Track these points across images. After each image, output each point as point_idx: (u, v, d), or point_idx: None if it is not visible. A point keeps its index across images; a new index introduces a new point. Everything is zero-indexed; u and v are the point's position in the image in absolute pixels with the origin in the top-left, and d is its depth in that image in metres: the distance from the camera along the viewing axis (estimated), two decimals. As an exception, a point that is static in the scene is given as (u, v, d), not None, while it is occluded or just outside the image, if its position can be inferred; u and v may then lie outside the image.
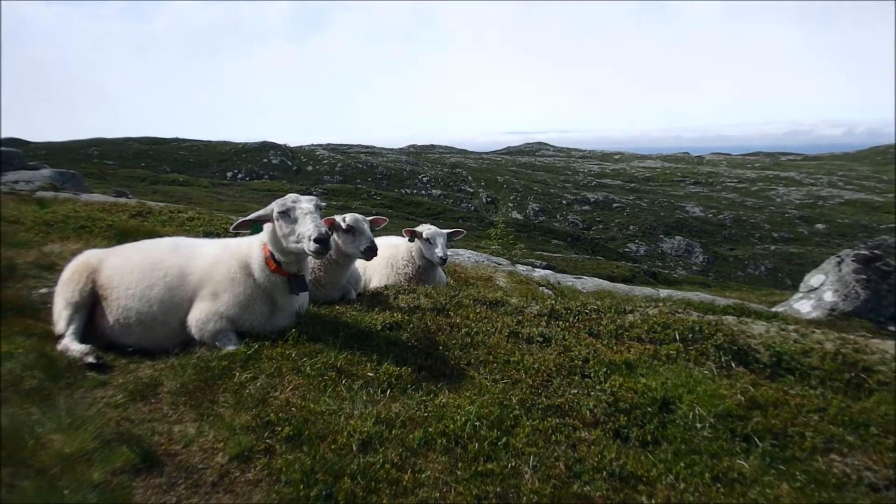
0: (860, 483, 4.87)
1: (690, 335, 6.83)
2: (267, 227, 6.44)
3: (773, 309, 16.40)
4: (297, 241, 6.15)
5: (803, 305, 16.51)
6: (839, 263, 17.06)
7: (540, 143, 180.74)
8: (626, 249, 79.90)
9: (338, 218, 7.67)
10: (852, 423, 5.61)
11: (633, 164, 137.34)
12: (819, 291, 16.65)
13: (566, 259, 55.73)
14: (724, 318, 7.74)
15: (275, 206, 6.31)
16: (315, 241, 5.99)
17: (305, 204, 6.26)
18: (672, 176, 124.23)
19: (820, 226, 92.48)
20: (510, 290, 12.37)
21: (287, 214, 6.22)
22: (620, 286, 19.08)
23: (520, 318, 7.35)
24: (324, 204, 6.53)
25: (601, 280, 21.05)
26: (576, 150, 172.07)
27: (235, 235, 6.76)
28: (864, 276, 16.40)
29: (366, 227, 7.61)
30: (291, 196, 6.36)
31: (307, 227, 6.08)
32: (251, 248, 6.52)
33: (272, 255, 6.38)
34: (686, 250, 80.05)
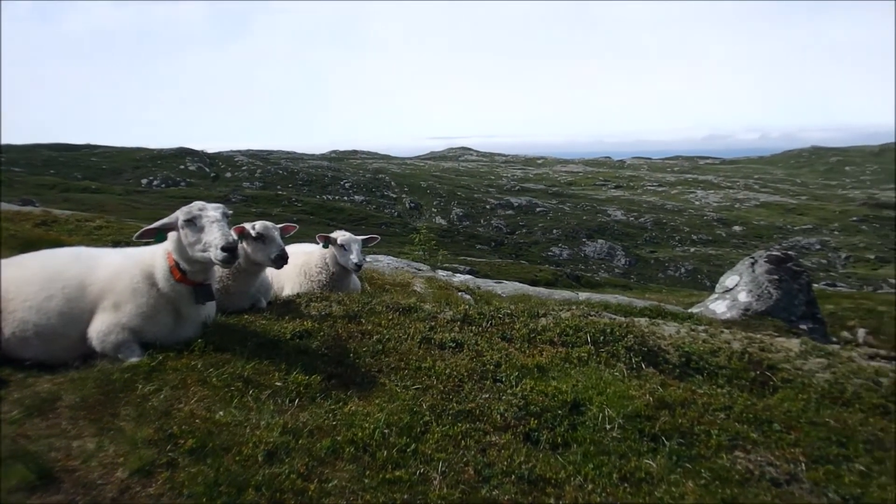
0: (762, 478, 5.14)
1: (602, 337, 7.05)
2: (172, 235, 6.37)
3: (690, 310, 16.93)
4: (204, 250, 6.11)
5: (719, 306, 17.04)
6: (753, 264, 17.67)
7: (463, 148, 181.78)
8: (549, 253, 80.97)
9: (247, 226, 7.63)
10: (756, 420, 5.90)
11: (556, 169, 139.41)
12: (734, 292, 17.21)
13: (490, 264, 56.21)
14: (635, 320, 8.01)
15: (180, 214, 6.26)
16: (222, 249, 5.96)
17: (212, 212, 6.23)
18: (594, 180, 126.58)
19: (737, 228, 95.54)
20: (427, 296, 12.49)
21: (193, 223, 6.18)
22: (541, 290, 19.40)
23: (433, 323, 7.46)
24: (231, 212, 6.51)
25: (521, 284, 21.36)
26: (499, 154, 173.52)
27: (141, 244, 6.69)
28: (776, 277, 17.04)
29: (276, 234, 7.60)
30: (197, 204, 6.32)
31: (214, 236, 6.04)
32: (155, 257, 6.45)
33: (177, 264, 6.32)
34: (608, 253, 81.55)
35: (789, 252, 18.81)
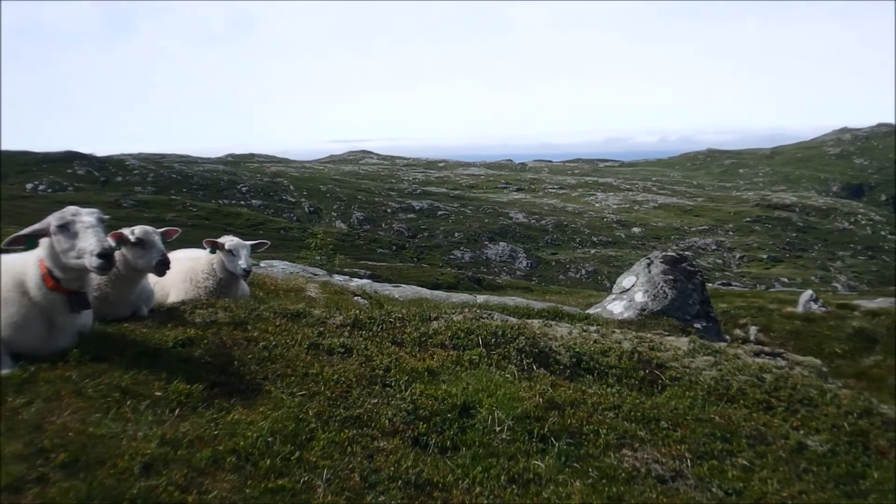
0: (649, 475, 5.29)
1: (493, 340, 7.14)
2: (44, 242, 6.15)
3: (588, 311, 17.29)
4: (78, 257, 5.91)
5: (616, 306, 17.45)
6: (649, 265, 18.17)
7: (364, 152, 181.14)
8: (451, 256, 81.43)
9: (126, 231, 7.41)
10: (645, 419, 6.07)
11: (457, 172, 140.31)
12: (630, 292, 17.66)
13: (391, 268, 56.22)
14: (528, 321, 8.13)
15: (52, 220, 6.04)
16: (98, 256, 5.78)
17: (87, 217, 6.04)
18: (496, 183, 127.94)
19: (636, 229, 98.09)
20: (320, 301, 12.40)
21: (66, 228, 5.97)
22: (439, 293, 19.51)
23: (322, 329, 7.41)
24: (107, 216, 6.32)
25: (419, 288, 21.43)
26: (400, 157, 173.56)
27: (8, 251, 6.44)
28: (671, 277, 17.57)
29: (157, 239, 7.39)
30: (71, 209, 6.11)
31: (89, 242, 5.85)
32: (26, 264, 6.21)
33: (50, 271, 6.11)
34: (510, 256, 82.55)
35: (684, 252, 19.43)
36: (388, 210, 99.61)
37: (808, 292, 25.56)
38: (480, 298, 17.20)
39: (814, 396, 7.18)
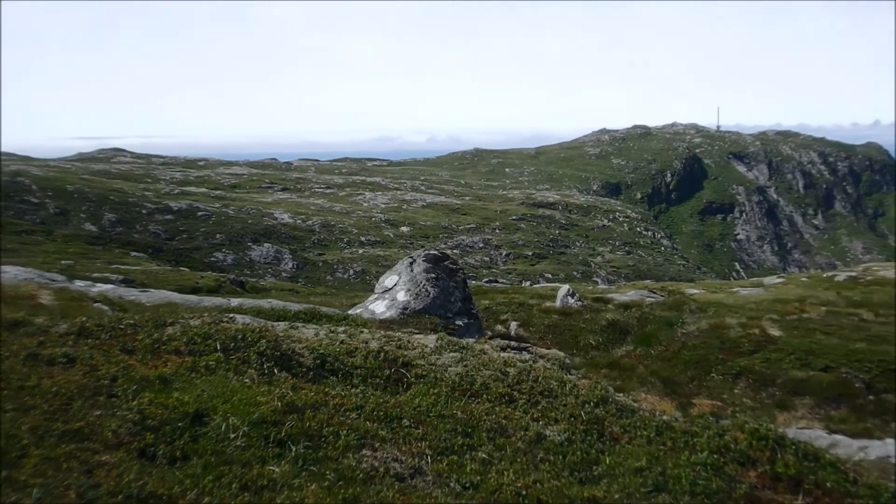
0: (387, 474, 5.39)
1: (233, 344, 7.00)
2: None
3: (351, 311, 17.36)
4: None
5: (378, 306, 17.63)
6: (411, 264, 18.50)
7: (116, 150, 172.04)
8: (212, 259, 79.11)
9: None
10: (387, 418, 6.18)
11: (218, 171, 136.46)
12: (393, 291, 17.91)
13: (147, 272, 53.79)
14: (273, 324, 8.05)
15: None
16: None
17: None
18: (259, 182, 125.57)
19: (405, 228, 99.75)
20: (55, 309, 11.66)
21: None
22: (190, 297, 18.85)
23: (43, 338, 6.97)
24: None
25: (170, 292, 20.63)
26: (157, 156, 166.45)
27: None
28: (433, 275, 17.99)
29: None
30: None
31: None
32: None
33: None
34: (275, 257, 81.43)
35: (446, 251, 19.95)
36: (144, 211, 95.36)
37: (566, 287, 27.02)
38: (235, 302, 16.83)
39: (554, 388, 7.60)
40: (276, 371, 6.77)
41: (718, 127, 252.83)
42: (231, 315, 8.88)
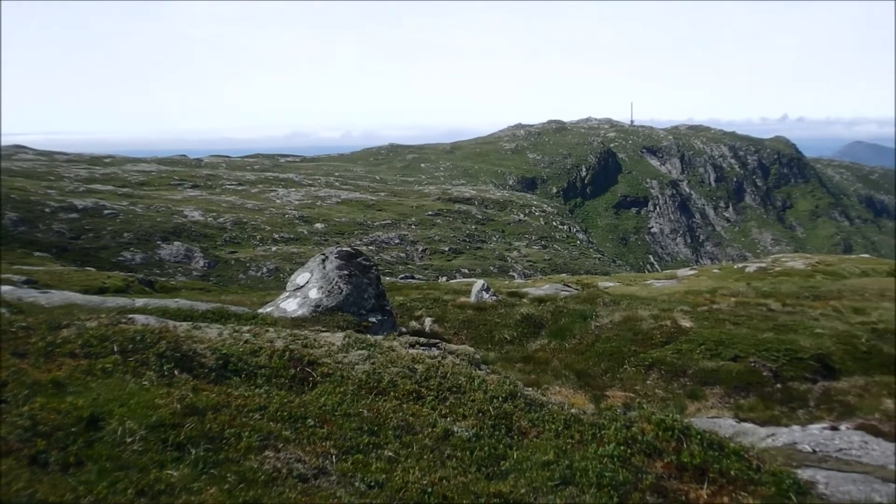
0: (290, 475, 5.34)
1: (132, 346, 6.86)
2: None
3: (261, 310, 17.16)
4: None
5: (290, 304, 17.47)
6: (324, 261, 18.38)
7: (17, 147, 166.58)
8: (120, 258, 77.35)
9: None
10: (291, 418, 6.13)
11: (126, 168, 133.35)
12: (305, 289, 17.75)
13: (51, 272, 52.26)
14: (174, 324, 7.91)
15: None
16: None
17: None
18: (169, 179, 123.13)
19: (319, 225, 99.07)
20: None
21: None
22: (92, 298, 18.34)
23: (-78, 345, 6.73)
24: None
25: (72, 293, 20.05)
26: (60, 153, 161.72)
27: None
28: (346, 272, 17.90)
29: None
30: None
31: None
32: None
33: None
34: (186, 256, 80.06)
35: (361, 247, 19.90)
36: (47, 210, 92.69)
37: (481, 282, 27.21)
38: (140, 302, 16.46)
39: (463, 384, 7.65)
40: (176, 373, 6.65)
41: (632, 122, 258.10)
42: (131, 316, 8.68)
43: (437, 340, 9.77)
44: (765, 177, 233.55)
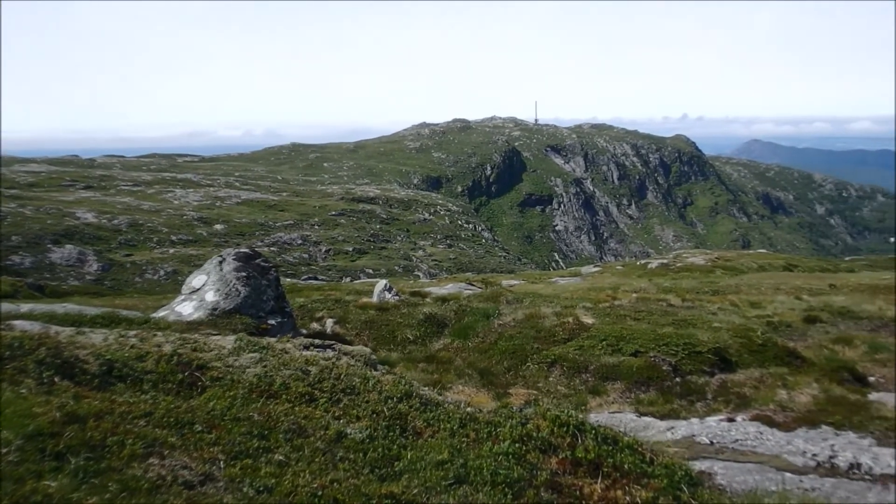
0: (175, 483, 5.26)
1: (9, 353, 6.66)
2: None
3: (156, 313, 16.83)
4: None
5: (186, 307, 17.16)
6: (221, 262, 18.11)
7: None
8: (8, 262, 74.76)
9: None
10: (178, 424, 6.04)
11: (13, 169, 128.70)
12: (201, 292, 17.47)
13: (-70, 280, 50.30)
14: (57, 329, 7.70)
15: None
16: None
17: None
18: (60, 180, 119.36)
19: (219, 226, 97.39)
20: None
21: None
22: (-25, 304, 17.76)
23: None
24: None
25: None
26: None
27: None
28: (244, 274, 17.68)
29: None
30: None
31: None
32: None
33: None
34: (78, 259, 77.83)
35: (262, 248, 19.67)
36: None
37: (383, 282, 27.22)
38: (26, 307, 15.95)
39: (357, 385, 7.65)
40: (57, 380, 6.48)
41: (537, 120, 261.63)
42: (10, 322, 8.42)
43: (333, 342, 9.74)
44: (666, 174, 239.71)
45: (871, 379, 17.37)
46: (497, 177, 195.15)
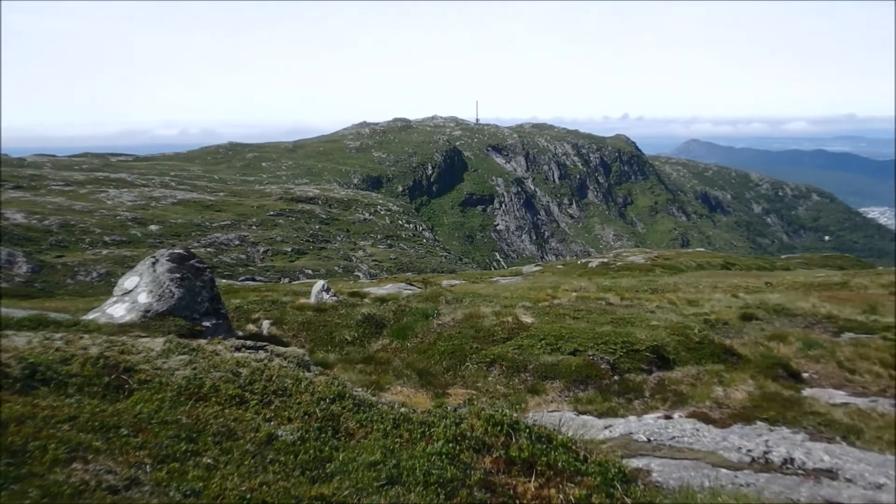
0: (99, 488, 5.19)
1: (-75, 357, 6.53)
2: None
3: (87, 316, 16.54)
4: None
5: (117, 309, 16.89)
6: (154, 263, 17.86)
7: None
8: (-68, 264, 73.05)
9: None
10: (103, 427, 5.95)
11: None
12: (134, 293, 17.20)
13: None
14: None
15: None
16: None
17: None
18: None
19: (153, 227, 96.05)
20: None
21: None
22: None
23: None
24: None
25: None
26: None
27: None
28: (178, 275, 17.46)
29: None
30: None
31: None
32: None
33: None
34: (7, 261, 76.15)
35: (198, 249, 19.44)
36: None
37: (321, 283, 27.11)
38: (-51, 311, 15.58)
39: (289, 386, 7.61)
40: (-27, 387, 6.36)
41: (478, 120, 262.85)
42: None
43: (266, 343, 9.68)
44: (606, 174, 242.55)
45: (805, 375, 17.80)
46: (438, 176, 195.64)
